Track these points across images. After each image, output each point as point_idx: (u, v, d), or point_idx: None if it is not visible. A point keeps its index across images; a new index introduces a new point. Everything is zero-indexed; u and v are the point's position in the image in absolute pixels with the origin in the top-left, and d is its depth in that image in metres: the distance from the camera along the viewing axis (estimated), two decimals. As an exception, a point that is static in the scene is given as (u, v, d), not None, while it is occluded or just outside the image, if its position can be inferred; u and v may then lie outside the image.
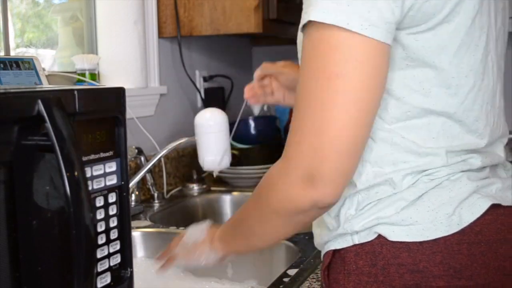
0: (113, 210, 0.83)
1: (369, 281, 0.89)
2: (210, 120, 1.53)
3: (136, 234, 1.60)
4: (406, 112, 0.89)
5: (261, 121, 2.25)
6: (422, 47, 0.86)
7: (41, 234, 0.72)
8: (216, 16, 2.02)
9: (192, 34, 2.07)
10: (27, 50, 1.78)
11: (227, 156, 1.60)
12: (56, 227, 0.73)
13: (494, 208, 0.89)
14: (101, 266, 0.80)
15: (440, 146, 0.90)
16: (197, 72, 2.34)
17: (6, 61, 1.30)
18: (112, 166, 0.82)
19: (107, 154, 0.82)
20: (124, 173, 0.84)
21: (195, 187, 2.03)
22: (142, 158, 1.80)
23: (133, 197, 1.81)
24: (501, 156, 0.98)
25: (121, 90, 0.84)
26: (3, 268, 0.69)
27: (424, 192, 0.89)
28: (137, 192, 1.83)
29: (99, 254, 0.80)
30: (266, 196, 0.91)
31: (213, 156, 1.54)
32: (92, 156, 0.79)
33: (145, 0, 1.99)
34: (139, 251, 1.60)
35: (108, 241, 0.82)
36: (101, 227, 0.80)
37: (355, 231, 0.90)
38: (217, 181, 2.14)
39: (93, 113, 0.79)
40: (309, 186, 0.83)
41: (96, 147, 0.80)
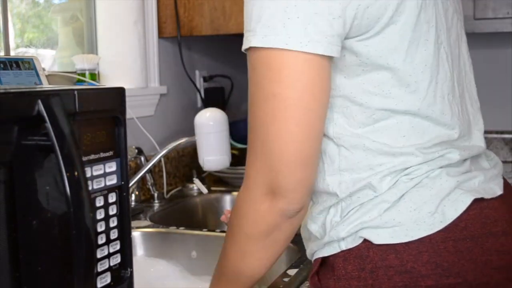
0: (113, 210, 0.83)
1: (359, 285, 0.89)
2: (210, 120, 1.54)
3: (136, 234, 1.60)
4: (371, 116, 0.90)
5: (261, 121, 2.25)
6: (374, 51, 0.87)
7: (41, 234, 0.72)
8: (216, 16, 2.02)
9: (192, 34, 2.07)
10: (27, 50, 1.78)
11: (227, 156, 1.60)
12: (56, 227, 0.73)
13: (477, 202, 0.90)
14: (101, 266, 0.80)
15: (412, 144, 0.90)
16: (197, 72, 2.34)
17: (6, 61, 1.30)
18: (112, 166, 0.82)
19: (107, 154, 0.82)
20: (124, 173, 0.84)
21: (195, 187, 2.03)
22: (142, 158, 1.80)
23: (133, 197, 1.82)
24: (481, 146, 0.98)
25: (121, 90, 0.84)
26: (3, 268, 0.69)
27: (405, 192, 0.89)
28: (137, 192, 1.83)
29: (99, 254, 0.80)
30: (238, 226, 0.93)
31: (213, 156, 1.54)
32: (92, 156, 0.79)
33: (145, 0, 1.99)
34: (139, 251, 1.60)
35: (108, 241, 0.82)
36: (101, 227, 0.80)
37: (341, 238, 0.91)
38: (217, 181, 2.14)
39: (93, 113, 0.79)
40: (272, 198, 0.87)
41: (96, 147, 0.80)
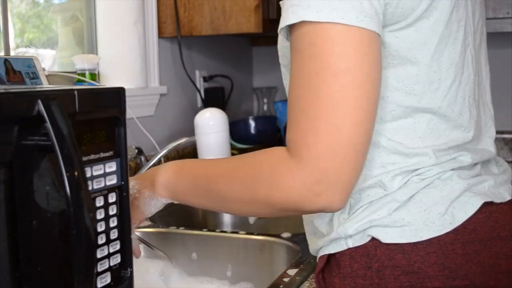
0: (113, 210, 0.83)
1: (364, 284, 0.89)
2: (210, 120, 1.54)
3: (136, 234, 1.59)
4: (390, 111, 0.89)
5: (261, 121, 2.26)
6: (404, 43, 0.86)
7: (41, 234, 0.72)
8: (216, 16, 2.02)
9: (192, 34, 2.07)
10: (27, 50, 1.78)
11: (227, 156, 1.60)
12: (56, 227, 0.73)
13: (487, 206, 0.89)
14: (101, 266, 0.80)
15: (427, 145, 0.90)
16: (197, 72, 2.34)
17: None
18: (112, 166, 0.82)
19: (107, 154, 0.82)
20: (124, 173, 0.84)
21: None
22: (142, 158, 1.80)
23: (133, 197, 1.81)
24: (491, 151, 0.98)
25: (121, 90, 0.84)
26: (3, 268, 0.69)
27: (416, 192, 0.89)
28: (137, 192, 1.82)
29: (99, 254, 0.80)
30: (266, 191, 0.84)
31: (213, 156, 1.54)
32: (92, 156, 0.79)
33: (145, 0, 1.99)
34: (139, 251, 1.60)
35: (108, 241, 0.82)
36: (101, 227, 0.80)
37: (348, 235, 0.90)
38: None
39: (93, 113, 0.79)
40: (322, 191, 0.80)
41: (96, 147, 0.80)
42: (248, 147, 2.18)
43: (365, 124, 0.80)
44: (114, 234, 0.83)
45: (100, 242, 0.80)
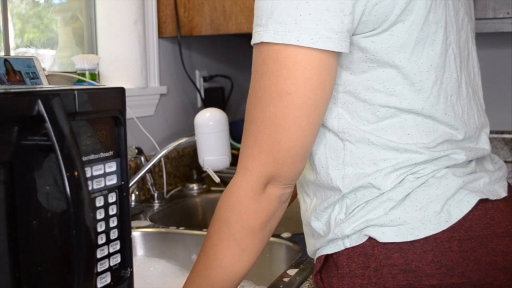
0: (113, 210, 0.83)
1: (362, 284, 0.89)
2: (210, 120, 1.54)
3: (136, 234, 1.60)
4: (375, 113, 0.90)
5: (261, 121, 2.25)
6: (381, 48, 0.88)
7: (41, 234, 0.72)
8: (216, 16, 2.02)
9: (192, 34, 2.07)
10: (27, 50, 1.78)
11: (227, 156, 1.60)
12: (56, 227, 0.73)
13: (482, 203, 0.90)
14: (101, 266, 0.80)
15: (417, 142, 0.91)
16: (197, 72, 2.34)
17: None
18: (112, 166, 0.82)
19: (107, 154, 0.82)
20: (124, 173, 0.84)
21: (195, 187, 2.03)
22: (142, 158, 1.80)
23: (133, 197, 1.82)
24: (485, 149, 0.99)
25: (121, 90, 0.84)
26: (3, 268, 0.69)
27: (411, 191, 0.90)
28: (137, 192, 1.83)
29: (99, 254, 0.80)
30: (236, 221, 0.92)
31: (213, 156, 1.54)
32: (92, 156, 0.79)
33: (145, 0, 1.99)
34: (139, 251, 1.60)
35: (108, 241, 0.82)
36: (101, 227, 0.80)
37: (345, 235, 0.91)
38: (217, 181, 2.14)
39: (93, 113, 0.79)
40: (271, 187, 0.90)
41: (96, 147, 0.80)
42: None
43: (303, 139, 0.87)
44: (114, 234, 0.83)
45: (100, 242, 0.80)
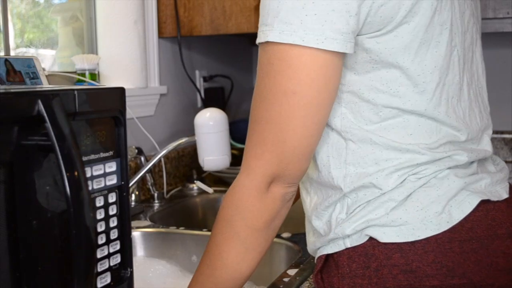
0: (113, 210, 0.83)
1: (363, 284, 0.89)
2: (210, 120, 1.53)
3: (136, 234, 1.60)
4: (378, 113, 0.90)
5: (261, 121, 2.25)
6: (385, 48, 0.88)
7: (41, 234, 0.72)
8: (216, 16, 2.02)
9: (192, 34, 2.07)
10: (27, 50, 1.78)
11: (227, 156, 1.60)
12: (56, 227, 0.73)
13: (483, 204, 0.90)
14: (101, 266, 0.80)
15: (419, 142, 0.91)
16: (197, 72, 2.34)
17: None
18: (112, 166, 0.82)
19: (107, 154, 0.82)
20: (124, 173, 0.84)
21: (195, 187, 2.03)
22: (142, 158, 1.80)
23: (133, 197, 1.81)
24: (487, 150, 0.99)
25: (121, 90, 0.84)
26: (3, 268, 0.69)
27: (412, 191, 0.89)
28: (137, 192, 1.83)
29: (99, 254, 0.80)
30: (240, 220, 0.91)
31: (213, 156, 1.54)
32: (92, 156, 0.79)
33: (145, 0, 1.99)
34: (139, 251, 1.60)
35: (108, 241, 0.82)
36: (101, 227, 0.80)
37: (346, 235, 0.91)
38: (217, 181, 2.14)
39: (93, 113, 0.79)
40: (275, 186, 0.89)
41: (96, 147, 0.80)
42: (248, 147, 2.18)
43: (308, 139, 0.87)
44: (114, 234, 0.83)
45: (100, 242, 0.80)
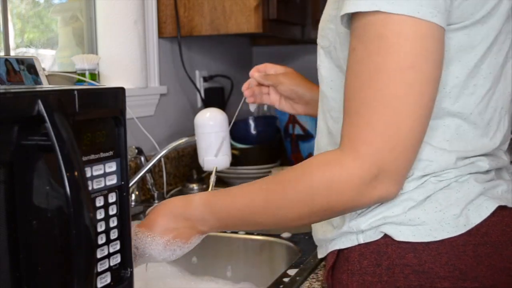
0: (113, 210, 0.83)
1: (373, 281, 0.89)
2: (210, 120, 1.53)
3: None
4: None
5: (261, 121, 2.25)
6: (454, 45, 0.86)
7: (41, 234, 0.72)
8: (216, 16, 2.02)
9: (192, 34, 2.07)
10: (27, 50, 1.78)
11: (227, 156, 1.60)
12: (56, 227, 0.73)
13: (500, 210, 0.89)
14: (101, 266, 0.80)
15: (453, 150, 0.89)
16: (197, 72, 2.34)
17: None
18: (112, 166, 0.82)
19: (107, 154, 0.82)
20: (124, 173, 0.84)
21: (195, 187, 2.03)
22: (142, 158, 1.80)
23: (133, 197, 1.81)
24: (505, 160, 0.98)
25: (121, 90, 0.84)
26: (3, 268, 0.69)
27: (432, 193, 0.88)
28: (137, 192, 1.83)
29: (99, 254, 0.80)
30: (325, 199, 0.84)
31: (213, 156, 1.54)
32: (92, 156, 0.79)
33: (145, 0, 1.99)
34: (139, 251, 1.60)
35: (108, 241, 0.82)
36: (101, 227, 0.80)
37: (360, 230, 0.90)
38: (217, 181, 2.14)
39: (93, 113, 0.79)
40: (379, 185, 0.81)
41: (96, 147, 0.80)
42: (248, 147, 2.18)
43: (423, 120, 0.80)
44: (114, 234, 0.83)
45: (100, 242, 0.80)
